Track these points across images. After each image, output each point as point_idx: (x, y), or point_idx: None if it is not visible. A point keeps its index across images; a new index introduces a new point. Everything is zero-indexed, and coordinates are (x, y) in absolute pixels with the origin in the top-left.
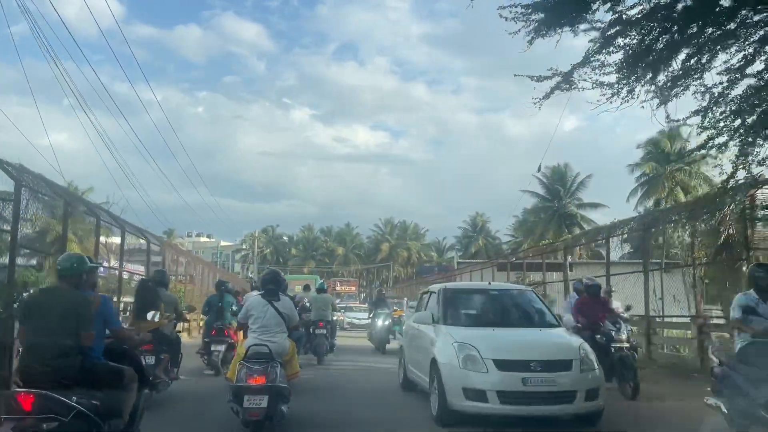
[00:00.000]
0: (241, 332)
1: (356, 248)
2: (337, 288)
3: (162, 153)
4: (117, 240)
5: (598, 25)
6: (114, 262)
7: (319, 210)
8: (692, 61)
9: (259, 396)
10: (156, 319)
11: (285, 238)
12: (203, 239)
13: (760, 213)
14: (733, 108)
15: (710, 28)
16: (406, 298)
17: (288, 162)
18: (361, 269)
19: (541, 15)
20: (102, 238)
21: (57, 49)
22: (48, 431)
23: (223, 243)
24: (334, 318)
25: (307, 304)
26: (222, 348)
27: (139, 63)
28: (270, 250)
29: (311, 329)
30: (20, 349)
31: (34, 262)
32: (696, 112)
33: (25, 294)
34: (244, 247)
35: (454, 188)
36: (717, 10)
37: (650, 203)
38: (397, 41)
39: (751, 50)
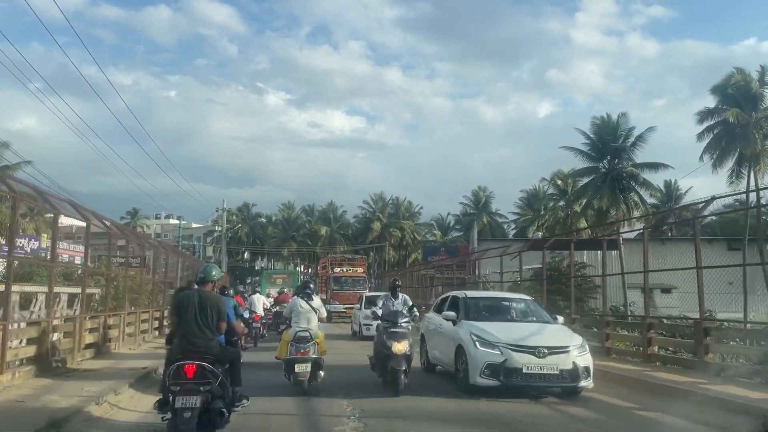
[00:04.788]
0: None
1: (342, 228)
2: (336, 271)
3: (135, 137)
4: (78, 223)
5: None
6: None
7: (295, 195)
8: None
9: (305, 364)
10: None
11: (263, 219)
12: (173, 221)
13: None
14: None
15: None
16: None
17: (262, 147)
18: (349, 251)
19: None
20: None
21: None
22: (202, 392)
23: (194, 225)
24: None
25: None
26: None
27: (108, 46)
28: (245, 230)
29: None
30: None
31: None
32: None
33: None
34: (217, 228)
35: (430, 173)
36: None
37: (730, 163)
38: (371, 25)
39: None
